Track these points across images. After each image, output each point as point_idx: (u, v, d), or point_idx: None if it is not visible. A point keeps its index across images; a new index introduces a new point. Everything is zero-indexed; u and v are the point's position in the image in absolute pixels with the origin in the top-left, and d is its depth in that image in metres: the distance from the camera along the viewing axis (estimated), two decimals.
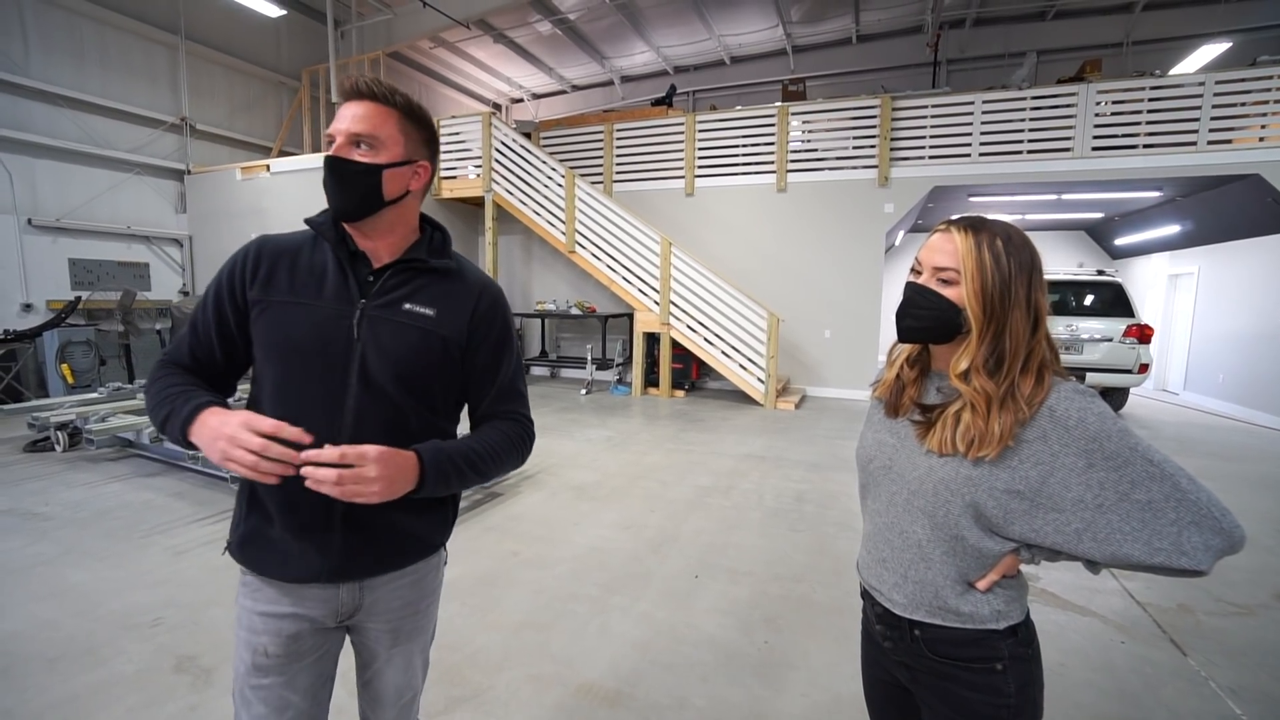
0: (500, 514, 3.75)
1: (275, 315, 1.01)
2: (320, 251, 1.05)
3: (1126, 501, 0.81)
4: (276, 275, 1.02)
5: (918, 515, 0.94)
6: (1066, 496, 0.83)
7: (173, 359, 1.05)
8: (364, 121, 0.97)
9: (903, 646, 0.98)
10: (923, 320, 0.93)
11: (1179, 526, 0.80)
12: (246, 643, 1.03)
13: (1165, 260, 9.77)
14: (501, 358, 1.13)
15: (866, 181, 8.12)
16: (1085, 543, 0.84)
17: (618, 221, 8.30)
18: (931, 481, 0.91)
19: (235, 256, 1.05)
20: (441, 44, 11.71)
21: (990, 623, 0.91)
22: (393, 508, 0.95)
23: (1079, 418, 0.83)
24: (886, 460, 1.00)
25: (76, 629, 2.39)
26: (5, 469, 4.53)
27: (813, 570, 3.05)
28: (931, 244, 0.93)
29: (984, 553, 0.91)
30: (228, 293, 1.02)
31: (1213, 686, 2.16)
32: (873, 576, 1.03)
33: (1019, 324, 0.87)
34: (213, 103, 9.26)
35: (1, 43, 6.97)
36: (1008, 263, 0.87)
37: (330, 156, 0.98)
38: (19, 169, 7.17)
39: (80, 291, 7.63)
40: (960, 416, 0.89)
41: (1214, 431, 6.82)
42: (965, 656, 0.92)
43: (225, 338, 1.04)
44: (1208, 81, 6.77)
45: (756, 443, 5.71)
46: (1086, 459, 0.82)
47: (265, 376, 1.02)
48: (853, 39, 11.51)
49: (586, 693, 2.07)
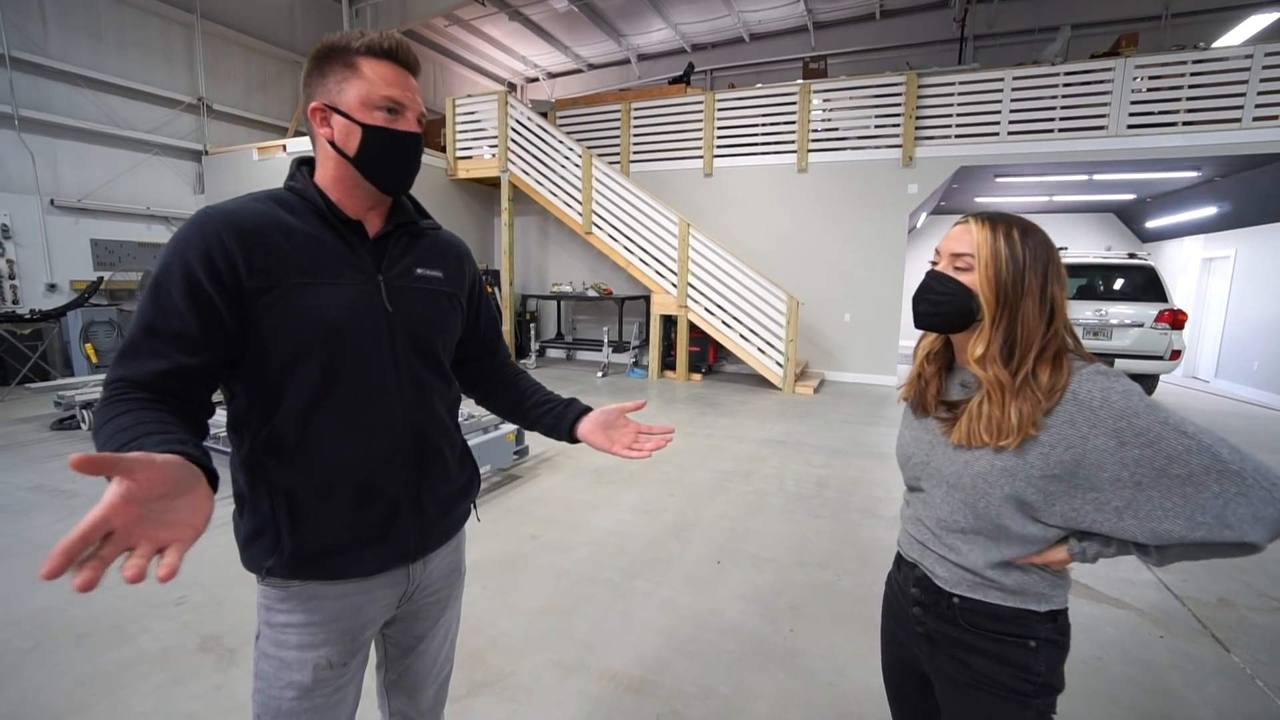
0: (519, 496, 3.73)
1: (300, 299, 0.87)
2: (306, 221, 0.92)
3: (1165, 477, 0.79)
4: (274, 256, 0.87)
5: (959, 507, 0.94)
6: (1102, 476, 0.82)
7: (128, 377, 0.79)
8: (418, 93, 0.95)
9: (934, 613, 0.99)
10: (937, 305, 0.94)
11: (1223, 499, 0.77)
12: (297, 664, 0.94)
13: (1199, 243, 9.46)
14: (484, 298, 1.20)
15: (890, 162, 7.91)
16: (1127, 521, 0.82)
17: (635, 202, 8.18)
18: (969, 475, 0.92)
19: (191, 238, 0.83)
20: (456, 22, 11.56)
21: (1033, 603, 0.91)
22: (450, 473, 1.03)
23: (1103, 398, 0.82)
24: (924, 456, 1.01)
25: (103, 606, 2.41)
26: (34, 446, 4.61)
27: (837, 557, 3.00)
28: (951, 234, 0.96)
29: (1028, 539, 0.91)
30: (210, 280, 0.82)
31: (1259, 685, 2.08)
32: (914, 552, 1.05)
33: (1031, 313, 0.87)
34: (229, 82, 9.23)
35: (21, 22, 6.97)
36: (1022, 252, 0.88)
37: (415, 134, 0.94)
38: (41, 149, 7.20)
39: (102, 272, 7.70)
40: (983, 408, 0.90)
41: (1253, 421, 6.63)
42: (1000, 630, 0.92)
43: (215, 333, 0.84)
44: (1256, 54, 6.46)
45: (776, 427, 5.64)
46: (1117, 438, 0.81)
47: (299, 373, 0.89)
48: (876, 14, 11.18)
49: (610, 679, 2.04)
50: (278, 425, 0.89)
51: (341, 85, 0.90)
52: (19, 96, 6.94)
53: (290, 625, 0.94)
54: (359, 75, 0.89)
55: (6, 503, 3.48)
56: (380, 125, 0.90)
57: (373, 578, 0.98)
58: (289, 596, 0.94)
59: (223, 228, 0.85)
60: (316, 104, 0.92)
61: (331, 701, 0.96)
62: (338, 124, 0.91)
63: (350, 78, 0.90)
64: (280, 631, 0.94)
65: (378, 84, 0.89)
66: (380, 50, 0.90)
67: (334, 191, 0.94)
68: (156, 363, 0.81)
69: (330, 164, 0.94)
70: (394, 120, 0.91)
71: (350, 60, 0.90)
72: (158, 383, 0.81)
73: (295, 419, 0.90)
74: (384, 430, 0.95)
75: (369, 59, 0.90)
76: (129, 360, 0.81)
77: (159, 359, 0.81)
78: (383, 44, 0.90)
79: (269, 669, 0.95)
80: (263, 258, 0.86)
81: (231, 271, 0.84)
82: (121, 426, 0.72)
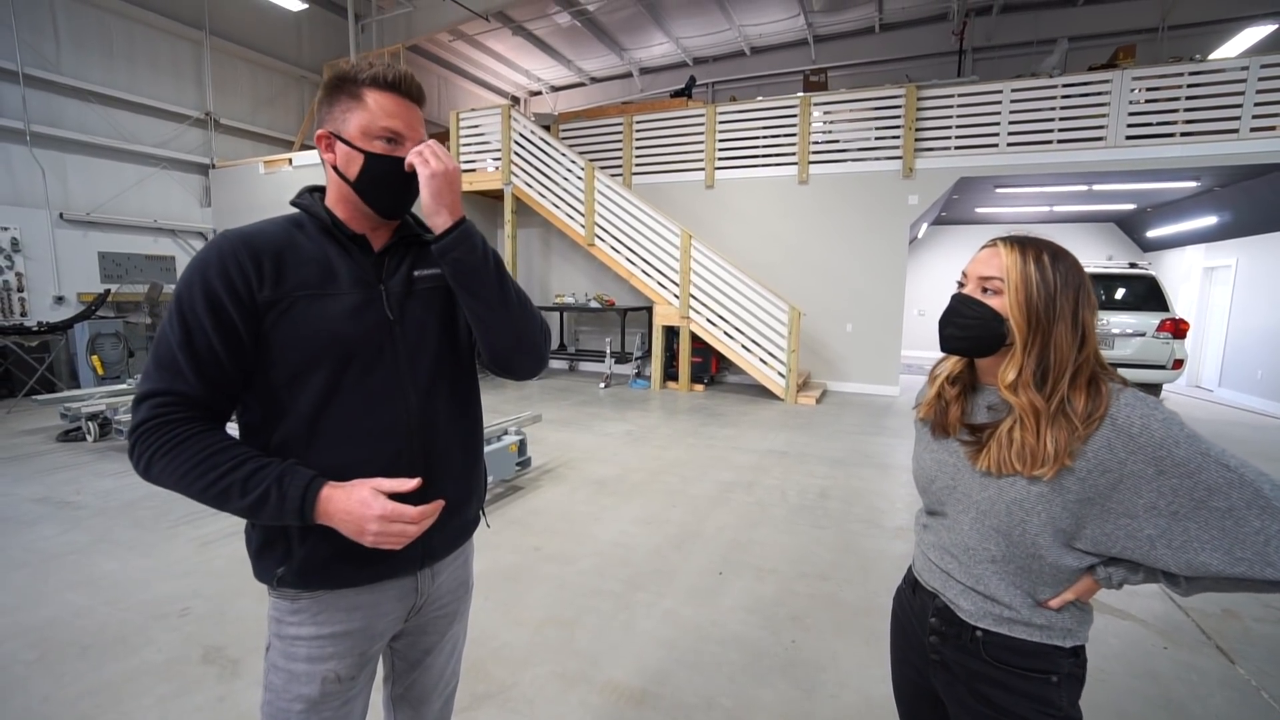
0: (521, 508, 3.74)
1: (305, 311, 0.92)
2: (313, 240, 0.97)
3: (1204, 509, 0.77)
4: (285, 270, 0.92)
5: (990, 534, 0.91)
6: (1138, 503, 0.80)
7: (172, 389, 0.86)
8: (421, 124, 1.00)
9: (953, 644, 0.96)
10: (966, 330, 0.92)
11: (1265, 536, 0.74)
12: (306, 676, 0.95)
13: (1200, 252, 9.46)
14: None
15: (890, 173, 7.96)
16: (1160, 549, 0.80)
17: (637, 214, 8.23)
18: (1004, 502, 0.89)
19: (210, 259, 0.89)
20: (461, 37, 11.71)
21: (1059, 639, 0.90)
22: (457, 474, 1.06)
23: (1142, 424, 0.80)
24: (949, 480, 0.97)
25: (108, 617, 2.42)
26: (40, 458, 4.63)
27: (839, 568, 2.99)
28: (979, 258, 0.93)
29: (1060, 569, 0.88)
30: (229, 297, 0.88)
31: (1265, 697, 2.07)
32: (935, 581, 1.01)
33: (1064, 338, 0.86)
34: (236, 97, 9.36)
35: (36, 41, 7.10)
36: (1053, 276, 0.87)
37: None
38: (51, 164, 7.31)
39: (109, 284, 7.78)
40: (1014, 435, 0.87)
41: (1257, 430, 6.60)
42: (1023, 666, 0.90)
43: (235, 349, 0.89)
44: (1252, 65, 6.51)
45: (778, 438, 5.64)
46: (1156, 466, 0.79)
47: (307, 382, 0.92)
48: (875, 28, 11.29)
49: (612, 691, 2.04)
50: (288, 434, 0.93)
51: (346, 115, 0.95)
52: (31, 112, 7.06)
53: (300, 638, 0.96)
54: (362, 105, 0.94)
55: (13, 514, 3.50)
56: (379, 153, 0.94)
57: (382, 590, 1.00)
58: (299, 609, 0.95)
59: (238, 247, 0.91)
60: (322, 131, 0.97)
61: (339, 715, 0.98)
62: (340, 151, 0.95)
63: (354, 107, 0.94)
64: (290, 644, 0.96)
65: (379, 114, 0.94)
66: (384, 82, 0.94)
67: (340, 211, 0.99)
68: (186, 381, 0.87)
69: (334, 187, 0.99)
70: (393, 149, 0.95)
71: (356, 91, 0.94)
72: (192, 400, 0.87)
73: (304, 427, 0.93)
74: (390, 434, 0.97)
75: (373, 90, 0.94)
76: (160, 378, 0.87)
77: (190, 377, 0.87)
78: (387, 76, 0.94)
79: (278, 681, 0.96)
80: (273, 272, 0.91)
81: (247, 287, 0.89)
82: (202, 457, 0.85)
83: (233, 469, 0.85)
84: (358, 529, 0.86)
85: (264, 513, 0.86)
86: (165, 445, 0.84)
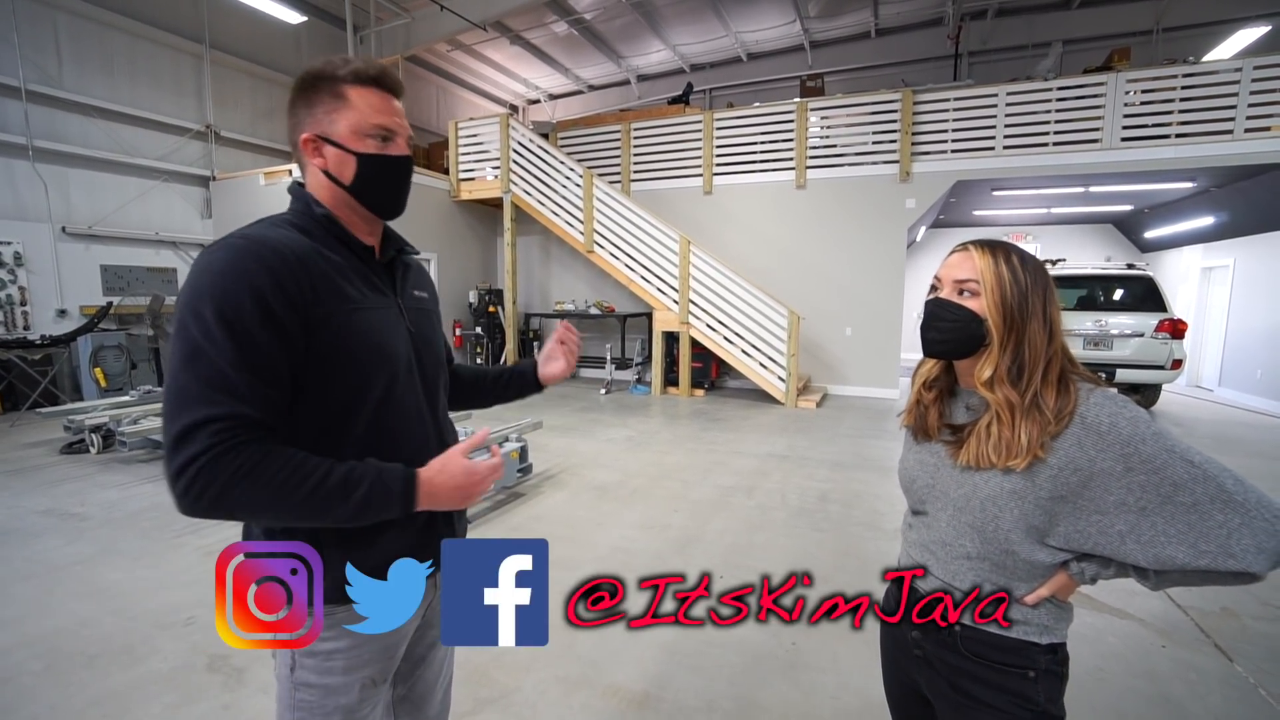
0: (523, 514, 3.76)
1: (352, 323, 0.89)
2: (333, 248, 0.93)
3: (1170, 504, 0.80)
4: (322, 280, 0.88)
5: (965, 530, 0.94)
6: (1108, 500, 0.84)
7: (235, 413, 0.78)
8: (404, 116, 0.98)
9: (933, 638, 0.99)
10: (946, 333, 0.95)
11: (1227, 529, 0.78)
12: (344, 687, 0.94)
13: (1198, 253, 9.50)
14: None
15: (887, 177, 8.00)
16: (1129, 544, 0.83)
17: (636, 221, 8.29)
18: (978, 498, 0.92)
19: (247, 267, 0.81)
20: (458, 47, 11.79)
21: (1035, 635, 0.92)
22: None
23: (1110, 423, 0.84)
24: (929, 479, 1.01)
25: (114, 627, 2.44)
26: (44, 470, 4.66)
27: (839, 571, 3.01)
28: (950, 262, 0.96)
29: (1034, 565, 0.91)
30: (283, 307, 0.82)
31: (1262, 694, 2.09)
32: (917, 580, 1.04)
33: (1036, 334, 0.90)
34: (236, 110, 9.42)
35: (38, 58, 7.16)
36: (1024, 276, 0.91)
37: (407, 158, 0.98)
38: (54, 178, 7.36)
39: (111, 297, 7.82)
40: (991, 429, 0.90)
41: (1257, 429, 6.61)
42: (1000, 660, 0.92)
43: (295, 364, 0.85)
44: (1245, 67, 6.56)
45: (778, 442, 5.66)
46: (1124, 463, 0.82)
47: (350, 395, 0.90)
48: (871, 33, 11.36)
49: (614, 694, 2.06)
50: (328, 449, 0.88)
51: (332, 116, 0.91)
52: (34, 128, 7.11)
53: (337, 650, 0.93)
54: (348, 105, 0.91)
55: (18, 526, 3.52)
56: (374, 153, 0.92)
57: None
58: (335, 623, 0.93)
59: (285, 255, 0.85)
60: (307, 135, 0.92)
61: (372, 718, 1.00)
62: (330, 154, 0.92)
63: (340, 108, 0.91)
64: (326, 659, 0.93)
65: (368, 113, 0.91)
66: (366, 78, 0.91)
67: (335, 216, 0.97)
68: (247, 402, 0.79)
69: (324, 192, 0.95)
70: (386, 146, 0.93)
71: (338, 90, 0.91)
72: (254, 422, 0.80)
73: (345, 441, 0.91)
74: (421, 446, 0.99)
75: (356, 87, 0.91)
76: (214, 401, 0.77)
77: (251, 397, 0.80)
78: (368, 71, 0.91)
79: (312, 698, 0.93)
80: (322, 284, 0.88)
81: (300, 297, 0.84)
82: (289, 471, 0.79)
83: (325, 477, 0.81)
84: (464, 495, 0.93)
85: (369, 512, 0.84)
86: (243, 468, 0.76)
